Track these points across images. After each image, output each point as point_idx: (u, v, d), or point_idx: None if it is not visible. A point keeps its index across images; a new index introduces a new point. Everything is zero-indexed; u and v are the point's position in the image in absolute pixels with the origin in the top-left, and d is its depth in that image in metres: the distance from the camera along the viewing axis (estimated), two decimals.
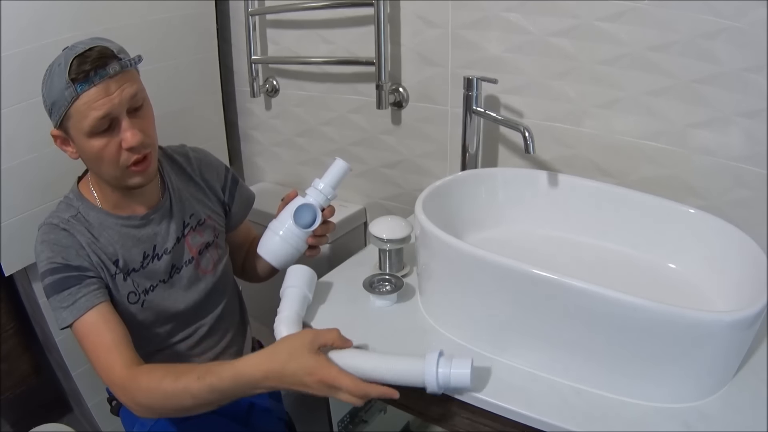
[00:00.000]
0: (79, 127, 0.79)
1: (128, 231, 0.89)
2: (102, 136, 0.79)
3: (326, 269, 1.04)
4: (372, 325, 0.85)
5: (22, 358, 1.29)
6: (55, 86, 0.77)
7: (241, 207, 1.06)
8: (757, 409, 0.67)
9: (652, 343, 0.65)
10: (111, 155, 0.81)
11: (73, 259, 0.83)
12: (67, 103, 0.77)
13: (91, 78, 0.76)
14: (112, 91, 0.78)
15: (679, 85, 0.88)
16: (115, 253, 0.88)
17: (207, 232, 0.98)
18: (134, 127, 0.81)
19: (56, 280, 0.82)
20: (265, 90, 1.43)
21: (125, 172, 0.83)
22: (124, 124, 0.80)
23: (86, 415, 1.35)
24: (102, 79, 0.77)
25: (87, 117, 0.77)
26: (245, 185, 1.09)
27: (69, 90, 0.76)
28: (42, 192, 1.13)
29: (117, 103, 0.78)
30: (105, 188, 0.88)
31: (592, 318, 0.66)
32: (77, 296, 0.81)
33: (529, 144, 0.88)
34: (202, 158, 1.02)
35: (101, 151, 0.80)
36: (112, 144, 0.80)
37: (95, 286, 0.83)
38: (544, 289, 0.68)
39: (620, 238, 0.90)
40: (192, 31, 1.35)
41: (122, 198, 0.89)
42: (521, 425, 0.69)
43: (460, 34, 1.07)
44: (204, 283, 0.97)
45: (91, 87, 0.76)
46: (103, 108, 0.77)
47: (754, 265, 0.72)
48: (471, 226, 0.94)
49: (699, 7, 0.82)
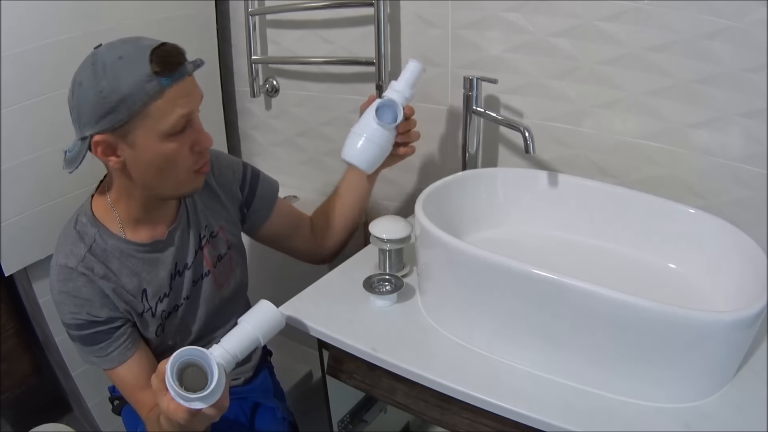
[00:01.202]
0: (155, 127, 0.72)
1: (153, 256, 0.86)
2: (176, 138, 0.74)
3: (326, 269, 1.04)
4: (372, 325, 0.85)
5: (22, 358, 1.29)
6: (127, 80, 0.68)
7: (262, 202, 1.01)
8: (757, 409, 0.67)
9: (652, 343, 0.65)
10: (185, 158, 0.77)
11: (98, 312, 0.79)
12: (147, 98, 0.69)
13: (179, 72, 0.71)
14: (192, 90, 0.74)
15: (679, 85, 0.88)
16: (140, 285, 0.84)
17: (220, 244, 0.95)
18: (203, 129, 0.78)
19: (83, 335, 0.80)
20: (265, 90, 1.43)
21: (190, 176, 0.79)
22: (197, 124, 0.77)
23: (86, 415, 1.35)
24: (183, 77, 0.73)
25: (170, 114, 0.71)
26: (267, 178, 1.03)
27: (152, 84, 0.69)
28: (42, 192, 1.13)
29: (196, 101, 0.75)
30: (132, 202, 0.82)
31: (592, 318, 0.66)
32: (108, 350, 0.81)
33: (529, 144, 0.88)
34: (215, 159, 0.95)
35: (175, 153, 0.75)
36: (184, 147, 0.76)
37: (125, 337, 0.82)
38: (544, 289, 0.68)
39: (620, 238, 0.90)
40: (192, 31, 1.35)
41: (146, 213, 0.84)
42: (521, 425, 0.69)
43: (460, 34, 1.07)
44: (219, 297, 0.96)
45: (175, 82, 0.71)
46: (188, 106, 0.73)
47: (754, 265, 0.72)
48: (471, 226, 0.94)
49: (699, 7, 0.82)
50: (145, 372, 0.84)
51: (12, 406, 1.33)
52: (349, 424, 1.04)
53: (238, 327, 0.76)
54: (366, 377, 0.87)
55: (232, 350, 0.73)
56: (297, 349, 1.43)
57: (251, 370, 1.06)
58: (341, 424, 1.03)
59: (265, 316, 0.77)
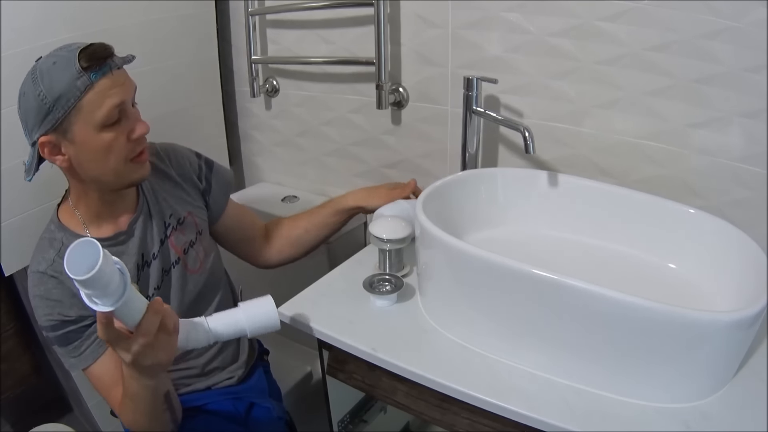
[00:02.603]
0: (89, 120, 0.76)
1: (117, 249, 0.88)
2: (112, 128, 0.78)
3: (326, 269, 1.04)
4: (372, 325, 0.85)
5: (22, 358, 1.29)
6: (60, 80, 0.74)
7: (220, 191, 1.04)
8: (757, 409, 0.67)
9: (652, 344, 0.65)
10: (120, 148, 0.80)
11: (68, 312, 0.82)
12: (79, 93, 0.74)
13: (106, 66, 0.76)
14: (123, 81, 0.78)
15: (679, 85, 0.88)
16: None
17: (189, 230, 0.97)
18: (139, 118, 0.82)
19: (58, 336, 0.83)
20: (265, 90, 1.43)
21: (129, 166, 0.83)
22: (132, 113, 0.81)
23: (86, 415, 1.35)
24: (112, 69, 0.77)
25: (102, 106, 0.76)
26: (221, 167, 1.07)
27: (82, 79, 0.74)
28: (42, 192, 1.13)
29: (127, 91, 0.79)
30: (90, 200, 0.86)
31: (592, 318, 0.66)
32: (81, 348, 0.84)
33: (529, 144, 0.88)
34: (170, 151, 0.99)
35: (111, 143, 0.79)
36: (121, 136, 0.80)
37: (95, 335, 0.84)
38: (543, 289, 0.68)
39: (620, 238, 0.90)
40: (192, 31, 1.35)
41: (106, 208, 0.87)
42: (521, 425, 0.69)
43: (460, 34, 1.07)
44: (193, 283, 0.96)
45: (104, 75, 0.76)
46: (119, 96, 0.77)
47: (754, 265, 0.72)
48: (471, 226, 0.94)
49: (699, 7, 0.82)
50: (119, 368, 0.84)
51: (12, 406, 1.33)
52: (349, 424, 1.04)
53: (232, 309, 0.78)
54: (366, 377, 0.87)
55: (213, 323, 0.75)
56: (297, 349, 1.43)
57: (243, 367, 1.06)
58: (341, 424, 1.03)
59: (261, 310, 0.78)
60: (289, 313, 0.89)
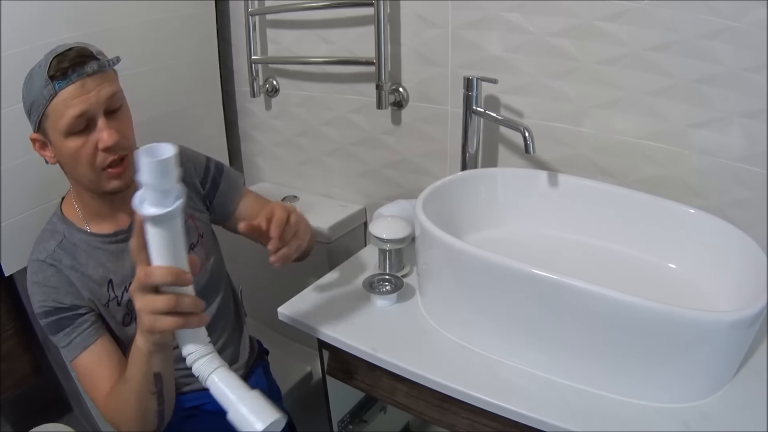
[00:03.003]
0: (56, 127, 0.78)
1: (117, 247, 0.89)
2: (78, 136, 0.78)
3: (326, 269, 1.04)
4: (372, 325, 0.85)
5: (22, 358, 1.29)
6: (34, 86, 0.77)
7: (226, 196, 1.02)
8: (757, 409, 0.67)
9: (652, 343, 0.65)
10: (87, 156, 0.80)
11: (63, 299, 0.83)
12: (45, 101, 0.76)
13: (69, 75, 0.76)
14: (90, 90, 0.77)
15: (679, 85, 0.88)
16: (105, 275, 0.87)
17: (190, 233, 0.97)
18: (111, 128, 0.79)
19: (50, 322, 0.84)
20: (265, 90, 1.43)
21: (101, 175, 0.82)
22: (100, 123, 0.79)
23: (86, 415, 1.35)
24: (80, 77, 0.76)
25: (64, 115, 0.76)
26: (232, 170, 1.05)
27: (47, 88, 0.76)
28: (42, 192, 1.13)
29: (94, 101, 0.77)
30: (86, 198, 0.87)
31: (592, 318, 0.66)
32: (72, 336, 0.84)
33: (529, 144, 0.88)
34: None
35: (77, 151, 0.79)
36: (88, 145, 0.79)
37: (88, 323, 0.85)
38: (543, 289, 0.68)
39: (620, 238, 0.90)
40: (192, 31, 1.35)
41: (104, 207, 0.88)
42: (521, 425, 0.69)
43: (460, 34, 1.07)
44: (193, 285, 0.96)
45: (69, 84, 0.76)
46: (80, 106, 0.76)
47: (754, 265, 0.72)
48: (471, 226, 0.94)
49: (699, 7, 0.82)
50: (109, 358, 0.84)
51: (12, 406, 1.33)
52: (349, 424, 1.04)
53: (240, 386, 0.69)
54: (366, 377, 0.87)
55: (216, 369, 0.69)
56: (297, 349, 1.43)
57: (243, 368, 1.06)
58: (341, 424, 1.03)
59: (247, 418, 0.66)
60: (289, 313, 0.89)
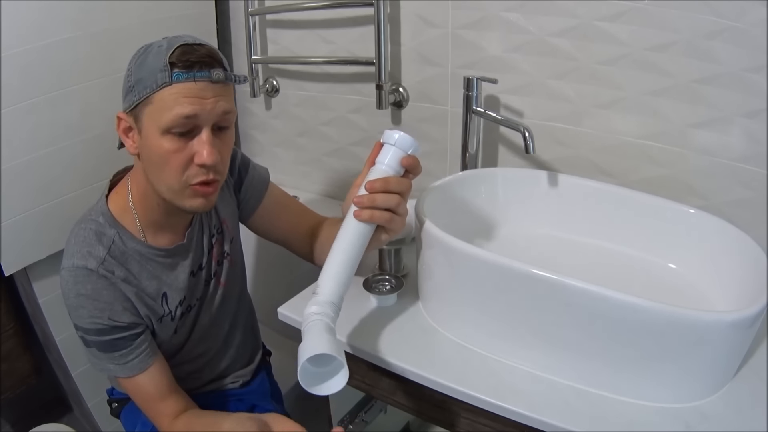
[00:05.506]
0: (156, 118, 0.69)
1: (174, 260, 0.84)
2: (176, 139, 0.70)
3: None
4: (372, 325, 0.85)
5: (22, 358, 1.29)
6: (148, 64, 0.69)
7: (253, 189, 0.97)
8: (757, 409, 0.67)
9: (652, 344, 0.65)
10: (179, 164, 0.71)
11: (120, 317, 0.77)
12: (155, 86, 0.68)
13: (193, 72, 0.68)
14: (207, 96, 0.69)
15: (679, 85, 0.88)
16: (159, 288, 0.83)
17: (225, 239, 0.93)
18: (214, 146, 0.71)
19: (104, 342, 0.77)
20: (265, 90, 1.43)
21: (186, 189, 0.73)
22: (204, 136, 0.70)
23: (86, 415, 1.35)
24: (202, 79, 0.69)
25: (171, 110, 0.68)
26: (257, 167, 0.99)
27: (163, 73, 0.68)
28: (42, 192, 1.13)
29: (209, 110, 0.69)
30: (152, 203, 0.79)
31: (593, 318, 0.66)
32: (129, 358, 0.78)
33: (529, 144, 0.88)
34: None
35: (169, 154, 0.70)
36: (184, 152, 0.71)
37: (146, 344, 0.80)
38: (544, 290, 0.68)
39: (620, 238, 0.90)
40: (192, 31, 1.33)
41: (168, 218, 0.81)
42: (521, 425, 0.69)
43: (460, 34, 1.07)
44: (222, 295, 0.95)
45: (189, 81, 0.68)
46: (192, 107, 0.68)
47: (754, 265, 0.72)
48: (471, 226, 0.94)
49: (699, 7, 0.82)
50: (166, 380, 0.81)
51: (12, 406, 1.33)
52: (349, 424, 1.04)
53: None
54: (366, 377, 0.87)
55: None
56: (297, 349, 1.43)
57: (250, 374, 1.06)
58: (341, 424, 1.03)
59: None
60: (289, 313, 0.89)
